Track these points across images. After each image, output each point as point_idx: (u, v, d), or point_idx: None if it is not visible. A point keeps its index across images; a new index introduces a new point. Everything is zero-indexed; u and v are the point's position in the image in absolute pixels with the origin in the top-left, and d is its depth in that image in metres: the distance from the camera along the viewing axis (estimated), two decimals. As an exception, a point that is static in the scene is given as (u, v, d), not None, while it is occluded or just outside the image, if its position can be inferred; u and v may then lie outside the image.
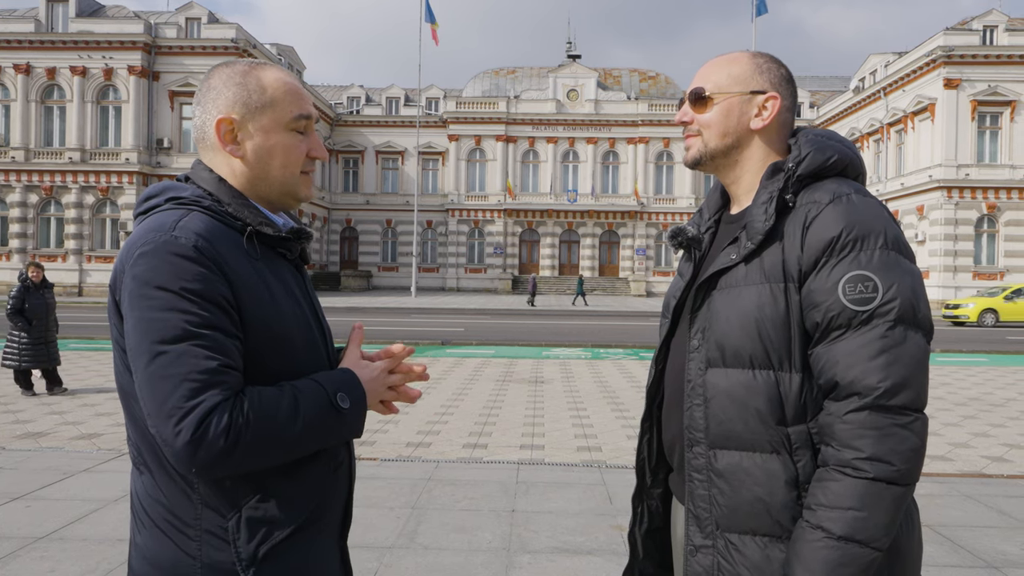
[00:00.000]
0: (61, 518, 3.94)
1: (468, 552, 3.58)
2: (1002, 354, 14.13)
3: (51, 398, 8.02)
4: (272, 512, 1.12)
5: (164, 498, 1.12)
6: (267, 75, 1.22)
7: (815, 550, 1.07)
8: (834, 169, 1.23)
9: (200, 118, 1.22)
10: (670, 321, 1.38)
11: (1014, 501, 4.54)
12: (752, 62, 1.30)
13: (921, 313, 1.12)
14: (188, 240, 1.08)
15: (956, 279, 29.77)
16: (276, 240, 1.21)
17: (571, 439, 6.40)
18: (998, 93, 29.72)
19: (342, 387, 1.17)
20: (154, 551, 1.12)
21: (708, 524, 1.22)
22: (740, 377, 1.18)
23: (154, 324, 1.04)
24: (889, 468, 1.06)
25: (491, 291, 40.78)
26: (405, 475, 4.93)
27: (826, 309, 1.12)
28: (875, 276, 1.10)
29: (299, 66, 42.72)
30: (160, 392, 1.02)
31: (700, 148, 1.32)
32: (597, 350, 13.93)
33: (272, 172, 1.21)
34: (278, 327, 1.15)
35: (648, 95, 43.39)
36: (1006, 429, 7.05)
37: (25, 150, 31.38)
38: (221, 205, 1.17)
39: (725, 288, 1.23)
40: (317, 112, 1.33)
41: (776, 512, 1.15)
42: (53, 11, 31.79)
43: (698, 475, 1.23)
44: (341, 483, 1.26)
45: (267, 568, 1.11)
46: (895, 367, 1.08)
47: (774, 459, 1.16)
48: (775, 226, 1.19)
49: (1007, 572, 3.43)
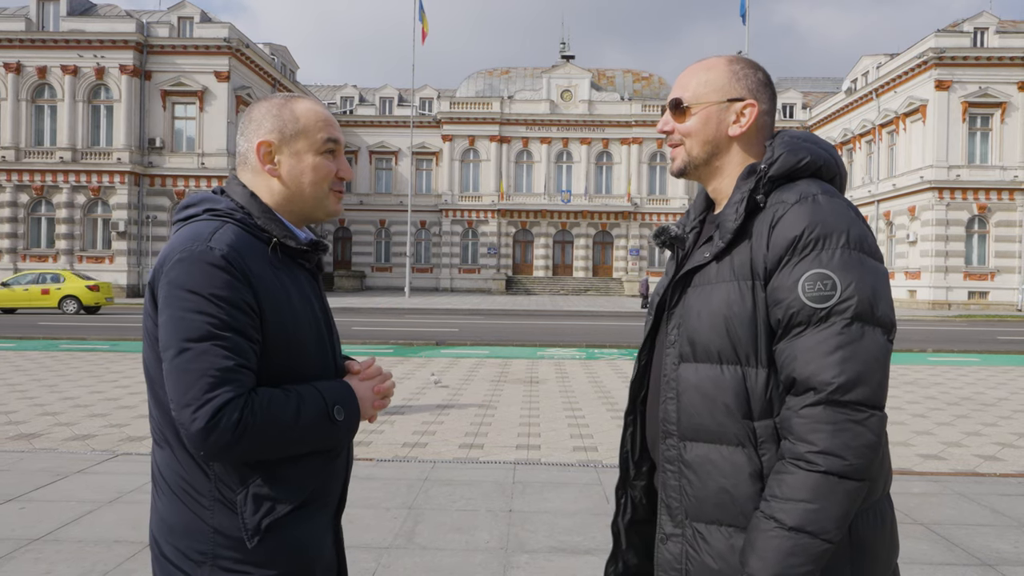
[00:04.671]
0: (56, 520, 3.91)
1: (466, 552, 3.58)
2: (994, 354, 14.22)
3: (45, 398, 7.95)
4: (275, 491, 1.27)
5: (183, 470, 1.27)
6: (299, 106, 1.40)
7: (768, 539, 1.11)
8: (806, 170, 1.25)
9: (243, 145, 1.40)
10: (653, 317, 1.41)
11: (1007, 499, 4.57)
12: (728, 69, 1.32)
13: (880, 311, 1.14)
14: (220, 251, 1.23)
15: (947, 279, 29.99)
16: (297, 252, 1.37)
17: (567, 439, 6.40)
18: (989, 95, 29.96)
19: (340, 400, 1.33)
20: (172, 515, 1.28)
21: (678, 513, 1.26)
22: (709, 372, 1.22)
23: (183, 323, 1.20)
24: (841, 463, 1.09)
25: (485, 291, 40.78)
26: (402, 475, 4.92)
27: (787, 306, 1.15)
28: (834, 275, 1.13)
29: (292, 66, 42.60)
30: (182, 383, 1.18)
31: (684, 158, 1.35)
32: (591, 350, 13.95)
33: (304, 189, 1.38)
34: (293, 329, 1.31)
35: (642, 96, 43.50)
36: (998, 428, 7.10)
37: (16, 149, 31.17)
38: (251, 218, 1.33)
39: (698, 285, 1.27)
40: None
41: (741, 503, 1.18)
42: (44, 9, 31.61)
43: (670, 466, 1.27)
44: (339, 469, 1.41)
45: (269, 538, 1.26)
46: (850, 363, 1.10)
47: (739, 452, 1.19)
48: (745, 225, 1.22)
49: (1001, 570, 3.45)
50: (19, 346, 13.11)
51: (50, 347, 13.02)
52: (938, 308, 29.33)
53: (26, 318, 19.89)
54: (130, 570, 3.28)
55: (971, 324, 23.13)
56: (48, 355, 11.79)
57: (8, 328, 16.38)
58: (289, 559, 1.29)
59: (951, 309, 29.36)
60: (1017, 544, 3.80)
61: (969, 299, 30.12)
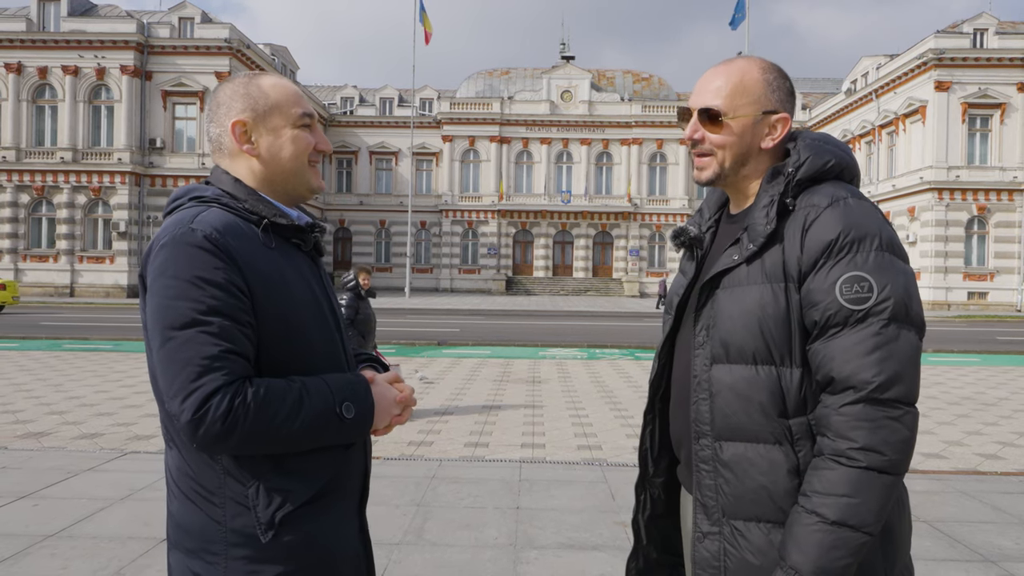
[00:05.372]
0: (68, 516, 3.95)
1: (475, 548, 3.63)
2: (994, 354, 14.27)
3: (51, 398, 7.99)
4: (288, 483, 1.22)
5: (191, 470, 1.23)
6: (266, 82, 1.35)
7: (810, 533, 1.13)
8: (831, 173, 1.28)
9: (215, 131, 1.34)
10: (673, 318, 1.43)
11: (1008, 497, 4.61)
12: (763, 78, 1.31)
13: (913, 312, 1.18)
14: (203, 231, 1.17)
15: (947, 280, 30.03)
16: (290, 230, 1.31)
17: (571, 438, 6.45)
18: (988, 95, 30.00)
19: (351, 397, 1.24)
20: (185, 518, 1.23)
21: (715, 512, 1.28)
22: (744, 372, 1.24)
23: (167, 311, 1.15)
24: (881, 458, 1.13)
25: (485, 292, 40.79)
26: (409, 473, 4.96)
27: (824, 308, 1.17)
28: (870, 277, 1.16)
29: (292, 66, 42.63)
30: (169, 373, 1.13)
31: (716, 169, 1.34)
32: (593, 350, 13.99)
33: (285, 165, 1.33)
34: (290, 312, 1.24)
35: (641, 96, 43.51)
36: (999, 427, 7.15)
37: (16, 150, 31.16)
38: (238, 201, 1.27)
39: (728, 287, 1.28)
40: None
41: (779, 499, 1.21)
42: (45, 10, 31.60)
43: (705, 466, 1.29)
44: (356, 458, 1.35)
45: (284, 532, 1.21)
46: (888, 363, 1.14)
47: (776, 449, 1.22)
48: (775, 229, 1.24)
49: (1003, 566, 3.50)
50: (22, 346, 13.14)
51: (53, 347, 13.05)
52: (938, 308, 29.38)
53: (27, 318, 19.90)
54: (144, 565, 3.32)
55: (970, 324, 23.18)
56: (52, 355, 11.82)
57: (11, 328, 16.41)
58: (307, 553, 1.23)
59: (951, 309, 29.41)
60: (1018, 540, 3.84)
61: (968, 299, 30.17)
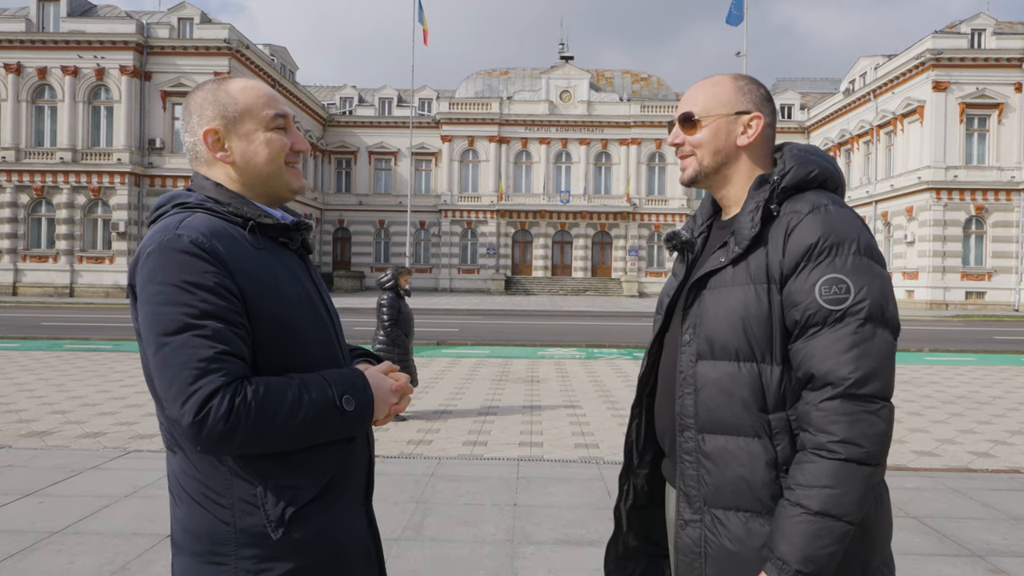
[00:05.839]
0: (74, 513, 4.02)
1: (474, 543, 3.70)
2: (989, 353, 14.35)
3: (53, 397, 8.06)
4: (295, 479, 1.24)
5: (197, 473, 1.23)
6: (234, 86, 1.34)
7: (795, 525, 1.20)
8: (815, 182, 1.36)
9: (189, 140, 1.36)
10: (663, 317, 1.50)
11: (998, 494, 4.69)
12: (734, 84, 1.43)
13: (889, 312, 1.25)
14: (189, 236, 1.19)
15: (945, 280, 30.11)
16: (277, 230, 1.33)
17: (569, 436, 6.52)
18: (986, 96, 30.08)
19: (350, 390, 1.26)
20: (192, 522, 1.24)
21: (696, 501, 1.35)
22: (727, 368, 1.31)
23: (158, 317, 1.16)
24: (859, 450, 1.20)
25: (484, 292, 40.86)
26: (408, 471, 5.03)
27: (804, 308, 1.24)
28: (848, 279, 1.23)
29: (291, 66, 42.64)
30: (166, 378, 1.14)
31: (695, 167, 1.44)
32: (591, 350, 14.06)
33: (261, 168, 1.33)
34: (284, 311, 1.26)
35: (640, 96, 43.57)
36: (992, 426, 7.22)
37: (16, 150, 31.20)
38: (222, 205, 1.29)
39: (715, 288, 1.35)
40: (309, 112, 1.46)
41: (757, 490, 1.28)
42: (44, 10, 31.62)
43: (688, 457, 1.37)
44: (360, 451, 1.38)
45: (294, 528, 1.23)
46: (864, 360, 1.20)
47: (756, 443, 1.29)
48: (760, 233, 1.31)
49: (991, 560, 3.57)
50: (23, 346, 13.20)
51: (54, 347, 13.11)
52: (935, 308, 29.46)
53: (28, 317, 19.95)
54: (150, 560, 3.39)
55: (968, 324, 23.26)
56: (53, 355, 11.89)
57: (12, 328, 16.47)
58: (317, 547, 1.25)
59: (948, 309, 29.49)
60: (1007, 536, 3.92)
61: (966, 299, 30.24)
